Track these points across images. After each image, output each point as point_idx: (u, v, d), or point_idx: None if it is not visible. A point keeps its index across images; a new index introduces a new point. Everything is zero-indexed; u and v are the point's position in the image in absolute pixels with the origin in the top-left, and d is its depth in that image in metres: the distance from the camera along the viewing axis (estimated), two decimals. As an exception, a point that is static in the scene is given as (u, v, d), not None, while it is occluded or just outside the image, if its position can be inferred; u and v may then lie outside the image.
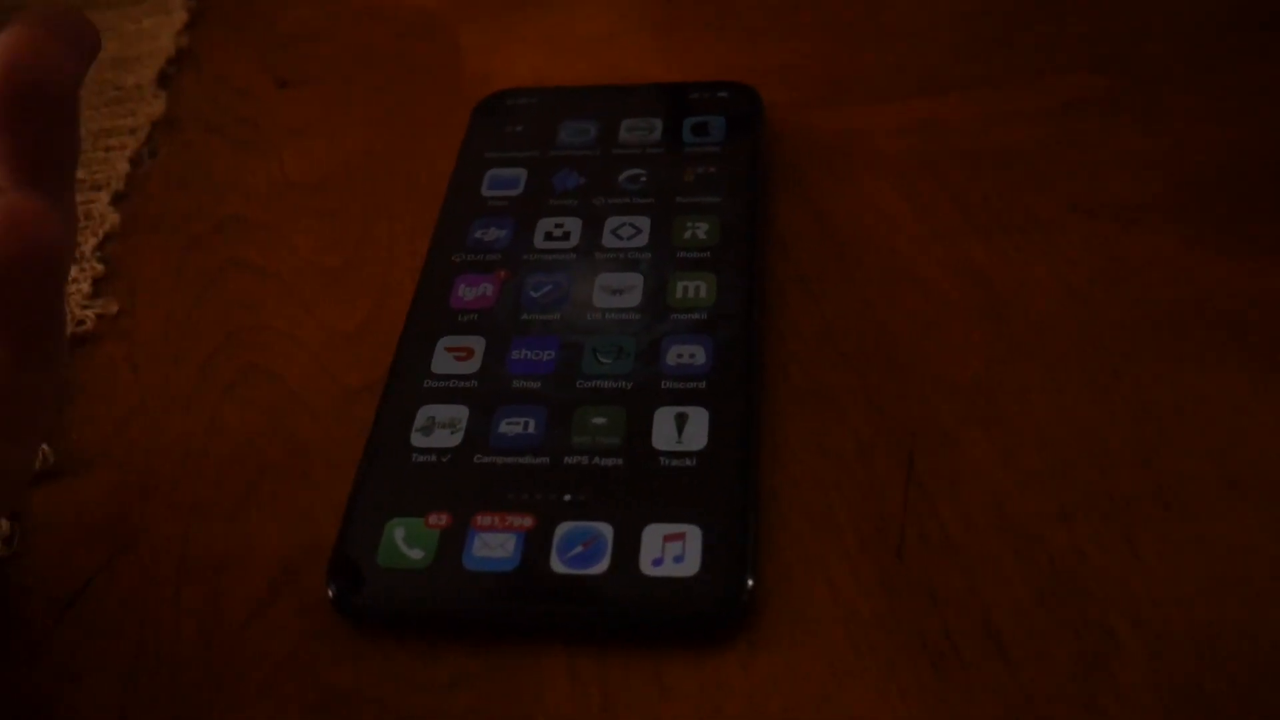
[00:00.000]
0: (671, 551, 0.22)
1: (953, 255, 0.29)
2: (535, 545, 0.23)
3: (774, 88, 0.34)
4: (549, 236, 0.29)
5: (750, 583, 0.22)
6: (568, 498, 0.23)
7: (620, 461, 0.24)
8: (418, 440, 0.25)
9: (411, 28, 0.39)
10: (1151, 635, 0.21)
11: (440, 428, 0.25)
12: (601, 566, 0.22)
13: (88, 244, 0.32)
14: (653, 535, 0.23)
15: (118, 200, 0.34)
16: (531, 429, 0.25)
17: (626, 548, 0.22)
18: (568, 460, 0.24)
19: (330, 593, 0.23)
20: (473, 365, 0.26)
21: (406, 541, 0.23)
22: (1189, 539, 0.23)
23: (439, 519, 0.23)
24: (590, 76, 0.36)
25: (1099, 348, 0.26)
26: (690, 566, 0.22)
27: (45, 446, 0.27)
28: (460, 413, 0.25)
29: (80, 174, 0.34)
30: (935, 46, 0.36)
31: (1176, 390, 0.25)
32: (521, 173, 0.31)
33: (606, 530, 0.23)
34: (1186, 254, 0.28)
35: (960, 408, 0.26)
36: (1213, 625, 0.21)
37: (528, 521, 0.23)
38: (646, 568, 0.22)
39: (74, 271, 0.31)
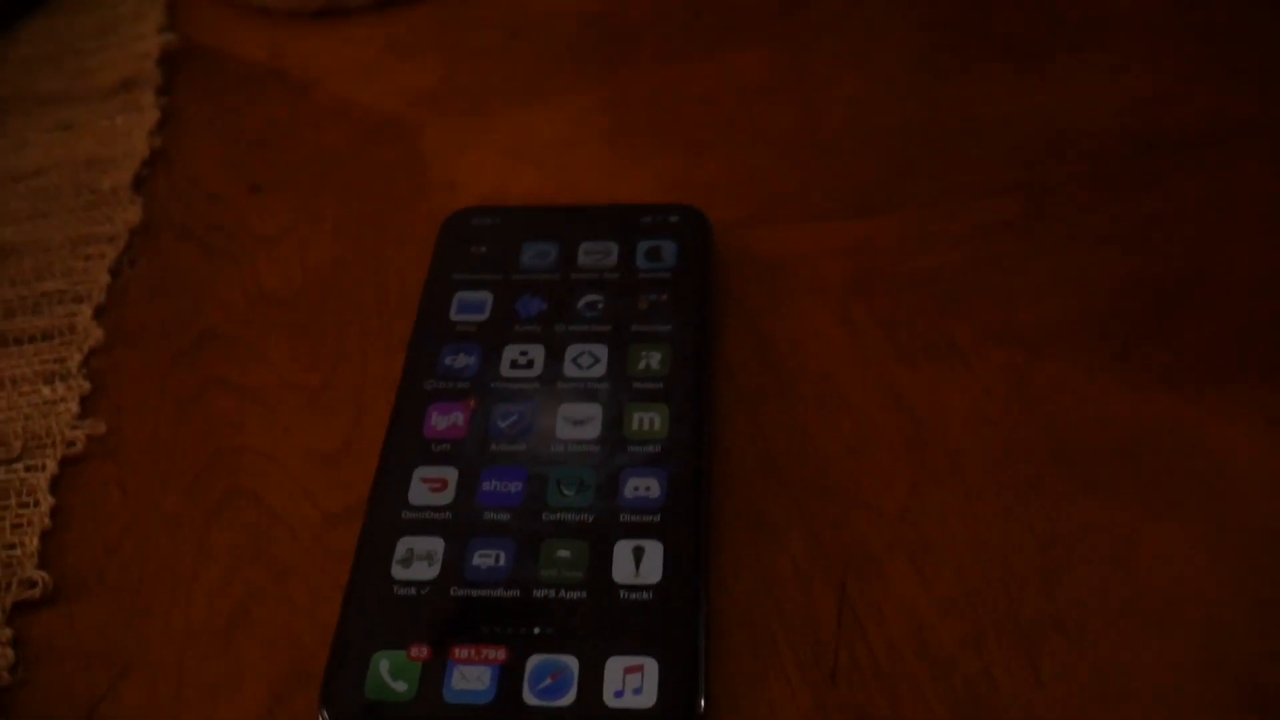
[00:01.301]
0: (631, 684, 0.25)
1: (881, 381, 0.32)
2: (509, 678, 0.25)
3: (717, 203, 0.36)
4: (514, 364, 0.31)
5: (701, 711, 0.25)
6: (537, 630, 0.26)
7: (584, 594, 0.26)
8: (398, 572, 0.27)
9: (375, 132, 0.41)
10: (1049, 756, 0.25)
11: (418, 560, 0.27)
12: (569, 699, 0.25)
13: (73, 359, 0.34)
14: (614, 668, 0.25)
15: (99, 313, 0.35)
16: (502, 561, 0.27)
17: (591, 680, 0.25)
18: (536, 593, 0.27)
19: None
20: (446, 496, 0.29)
21: (391, 674, 0.25)
22: (1086, 662, 0.26)
23: (420, 651, 0.26)
24: (548, 184, 0.39)
25: (1010, 475, 0.30)
26: (648, 698, 0.25)
27: (44, 574, 0.29)
28: (436, 545, 0.28)
29: (62, 284, 0.36)
30: (865, 164, 0.38)
31: (1076, 518, 0.29)
32: (487, 297, 0.33)
33: (573, 663, 0.25)
34: (1087, 382, 0.32)
35: (887, 535, 0.29)
36: (1101, 747, 0.25)
37: (501, 654, 0.26)
38: (610, 699, 0.25)
39: (61, 389, 0.33)
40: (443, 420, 0.30)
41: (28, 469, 0.31)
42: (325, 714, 0.25)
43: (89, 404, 0.33)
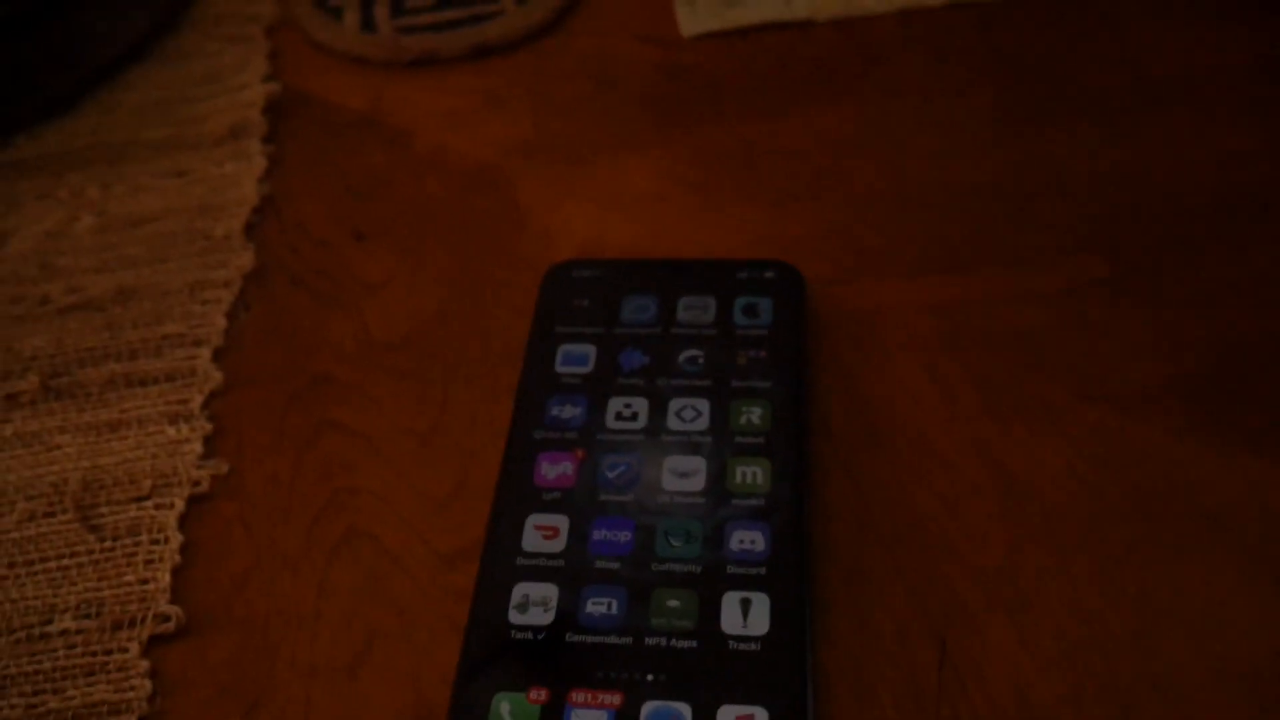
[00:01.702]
0: (743, 732, 0.26)
1: (974, 439, 0.33)
2: (624, 723, 0.26)
3: (807, 257, 0.37)
4: (619, 416, 0.33)
5: (810, 760, 0.26)
6: (650, 677, 0.27)
7: (694, 644, 0.28)
8: (515, 617, 0.28)
9: (472, 181, 0.43)
10: (1150, 816, 0.25)
11: (534, 605, 0.29)
12: (683, 746, 0.26)
13: (195, 401, 0.35)
14: (726, 716, 0.26)
15: (217, 355, 0.37)
16: (614, 609, 0.28)
17: (704, 728, 0.26)
18: (648, 641, 0.28)
19: (445, 761, 0.26)
20: (559, 544, 0.30)
21: (512, 716, 0.27)
22: (1181, 724, 0.27)
23: (539, 694, 0.27)
24: (641, 235, 0.40)
25: (1104, 536, 0.30)
26: (760, 744, 0.26)
27: (177, 608, 0.30)
28: (551, 591, 0.29)
29: (181, 327, 0.38)
30: (951, 221, 0.39)
31: (1171, 580, 0.29)
32: (591, 349, 0.35)
33: (685, 710, 0.26)
34: (1178, 445, 0.32)
35: (985, 592, 0.29)
36: (1201, 809, 0.25)
37: (616, 699, 0.27)
38: (721, 744, 0.26)
39: (185, 430, 0.35)
40: (552, 469, 0.32)
41: (157, 507, 0.33)
42: (449, 753, 0.26)
43: (211, 444, 0.35)
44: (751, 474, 0.31)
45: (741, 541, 0.30)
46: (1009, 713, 0.27)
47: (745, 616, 0.28)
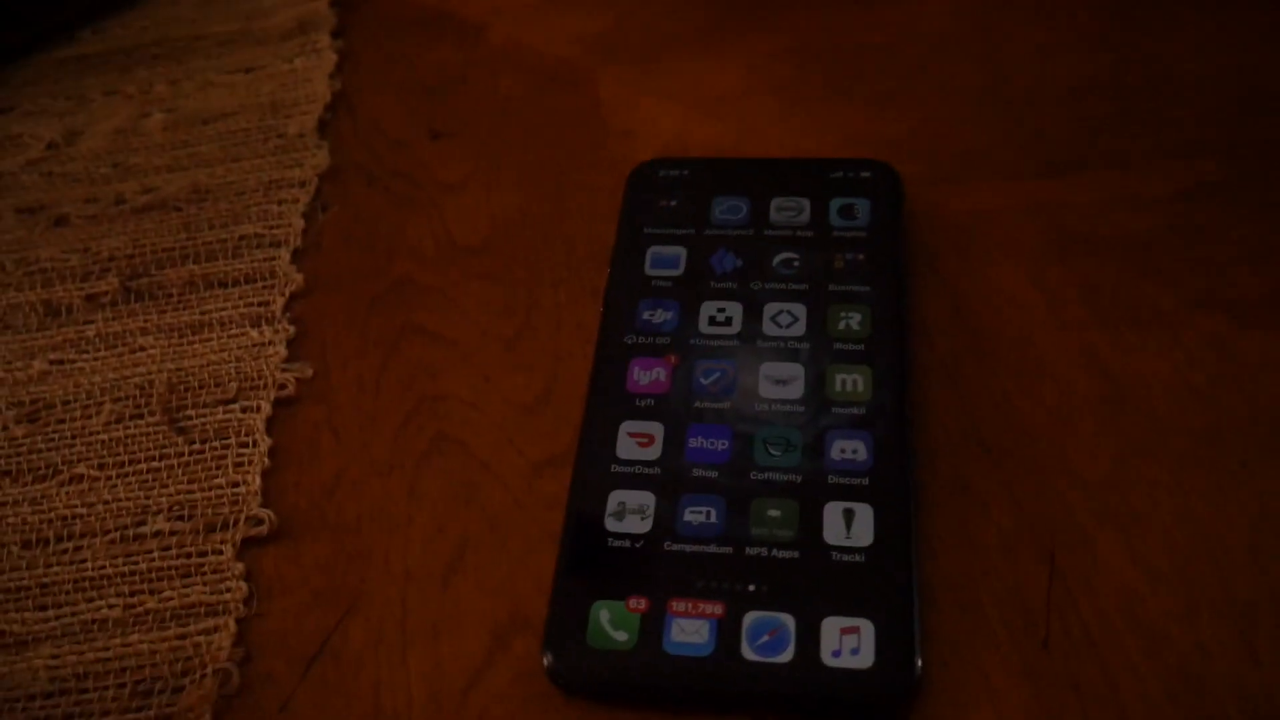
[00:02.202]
0: (848, 644, 0.26)
1: (1081, 347, 0.32)
2: (727, 632, 0.26)
3: (903, 159, 0.36)
4: (713, 321, 0.32)
5: (919, 672, 0.25)
6: (752, 588, 0.27)
7: (796, 554, 0.27)
8: (612, 525, 0.28)
9: (549, 78, 0.41)
10: (1269, 734, 0.25)
11: (631, 513, 0.28)
12: (787, 656, 0.26)
13: (276, 303, 0.35)
14: (831, 628, 0.26)
15: (296, 257, 0.36)
16: (713, 518, 0.28)
17: (808, 639, 0.26)
18: (749, 550, 0.27)
19: (545, 665, 0.26)
20: (654, 452, 0.29)
21: (611, 624, 0.26)
22: (1302, 643, 0.26)
23: (638, 603, 0.27)
24: (727, 135, 0.39)
25: (1219, 449, 0.29)
26: (865, 658, 0.25)
27: (270, 511, 0.30)
28: (647, 499, 0.28)
29: (259, 227, 0.37)
30: (1055, 122, 0.37)
31: (1290, 496, 0.28)
32: (681, 251, 0.34)
33: (789, 621, 0.26)
34: (1300, 357, 0.31)
35: (1094, 504, 0.28)
36: (1325, 729, 0.25)
37: (718, 609, 0.26)
38: (827, 658, 0.25)
39: (268, 332, 0.34)
40: (645, 375, 0.31)
41: (244, 410, 0.32)
42: (550, 659, 0.26)
43: (294, 347, 0.34)
44: (852, 381, 0.30)
45: (843, 451, 0.29)
46: (1119, 628, 0.26)
47: (849, 527, 0.27)
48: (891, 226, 0.33)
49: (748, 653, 0.26)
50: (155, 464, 0.32)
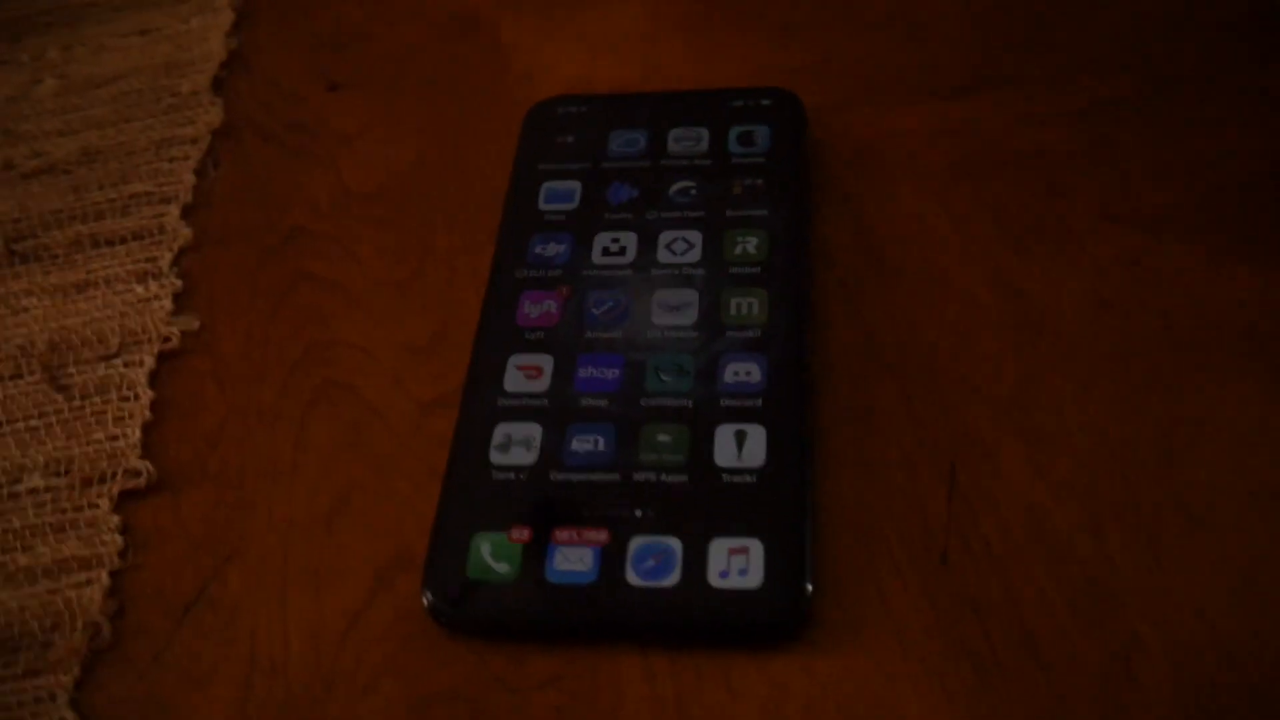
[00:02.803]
0: (736, 564, 0.24)
1: (988, 266, 0.31)
2: (611, 559, 0.25)
3: (808, 87, 0.35)
4: (606, 252, 0.31)
5: (809, 593, 0.24)
6: (639, 513, 0.26)
7: (685, 478, 0.26)
8: (496, 457, 0.27)
9: (452, 27, 0.40)
10: (1173, 641, 0.24)
11: (516, 445, 0.27)
12: (673, 579, 0.24)
13: (164, 259, 0.34)
14: (719, 549, 0.25)
15: (187, 213, 0.35)
16: (602, 446, 0.27)
17: (695, 561, 0.25)
18: (637, 477, 0.26)
19: (425, 602, 0.25)
20: (542, 383, 0.28)
21: (493, 555, 0.25)
22: (1210, 549, 0.25)
23: (521, 533, 0.26)
24: (630, 74, 0.38)
25: (1127, 360, 0.28)
26: (754, 579, 0.24)
27: (147, 463, 0.29)
28: (534, 430, 0.27)
29: (149, 185, 0.36)
30: (964, 44, 0.37)
31: (1199, 403, 0.27)
32: (576, 185, 0.33)
33: (675, 545, 0.25)
34: (1210, 266, 0.30)
35: (997, 420, 0.27)
36: (1231, 632, 0.24)
37: (603, 536, 0.25)
38: (714, 580, 0.24)
39: (154, 287, 0.33)
40: (535, 308, 0.30)
41: (126, 364, 0.31)
42: (428, 595, 0.25)
43: (182, 302, 0.33)
44: (747, 305, 0.29)
45: (736, 374, 0.28)
46: (1021, 542, 0.25)
47: (740, 449, 0.26)
48: (792, 152, 0.32)
49: (632, 578, 0.25)
50: (34, 422, 0.30)
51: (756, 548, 0.25)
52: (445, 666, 0.25)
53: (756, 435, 0.27)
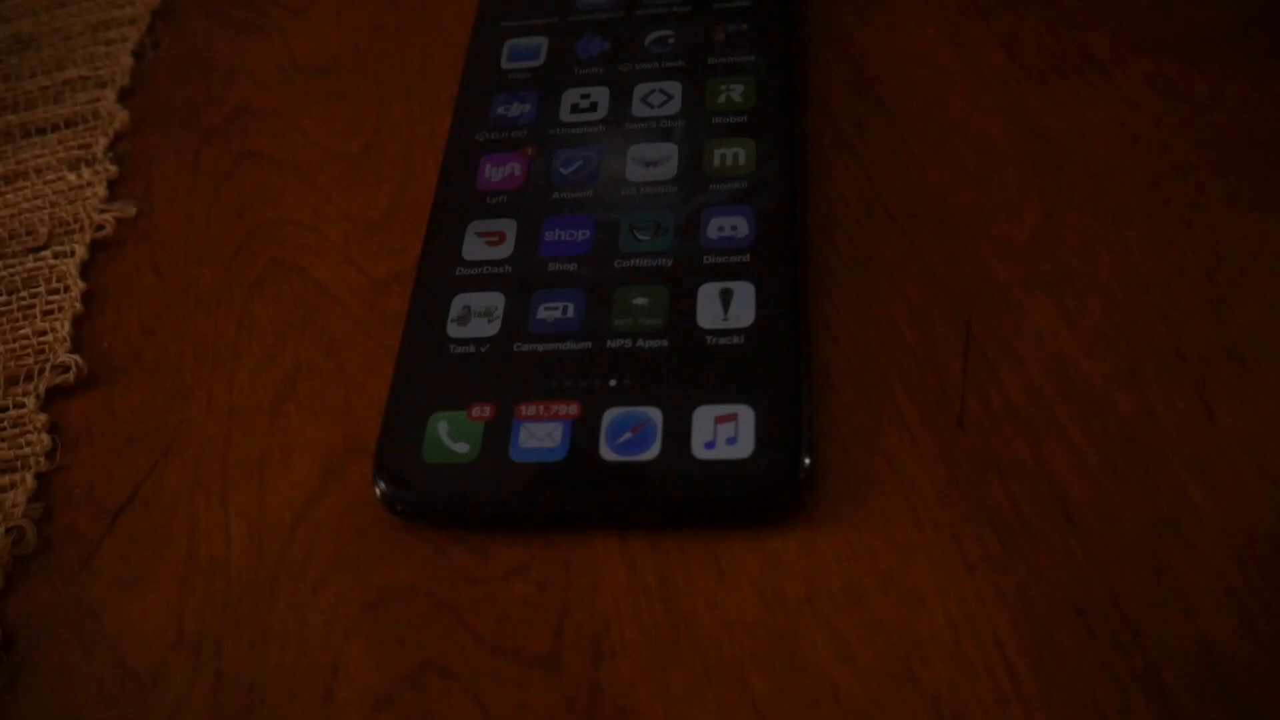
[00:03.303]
0: (724, 433, 0.22)
1: (1004, 103, 0.27)
2: (583, 433, 0.22)
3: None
4: (575, 109, 0.28)
5: (807, 461, 0.21)
6: (613, 383, 0.23)
7: (665, 343, 0.23)
8: (454, 331, 0.24)
9: (412, -112, 0.37)
10: (1225, 494, 0.21)
11: (476, 317, 0.24)
12: (652, 452, 0.22)
13: (99, 144, 0.31)
14: (704, 417, 0.22)
15: (124, 96, 0.32)
16: (570, 313, 0.24)
17: (677, 432, 0.22)
18: (610, 344, 0.23)
19: (378, 491, 0.22)
20: (505, 250, 0.25)
21: (450, 436, 0.23)
22: (1265, 393, 0.22)
23: (482, 411, 0.23)
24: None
25: (1164, 196, 0.25)
26: (744, 448, 0.21)
27: (77, 357, 0.26)
28: (496, 300, 0.24)
29: (84, 70, 0.33)
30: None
31: (1248, 239, 0.24)
32: (542, 41, 0.29)
33: (655, 415, 0.22)
34: (1257, 91, 0.26)
35: (1018, 267, 0.24)
36: (1292, 482, 0.21)
37: (573, 409, 0.22)
38: (699, 451, 0.21)
39: (88, 174, 0.30)
40: (497, 172, 0.27)
41: (56, 256, 0.29)
42: (381, 483, 0.22)
43: (118, 188, 0.30)
44: (732, 155, 0.26)
45: (720, 228, 0.25)
46: (1048, 396, 0.22)
47: (726, 309, 0.23)
48: (782, -9, 0.29)
49: (606, 453, 0.22)
50: (-42, 322, 0.28)
51: (746, 414, 0.22)
52: (401, 559, 0.22)
53: (744, 293, 0.23)
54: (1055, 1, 0.29)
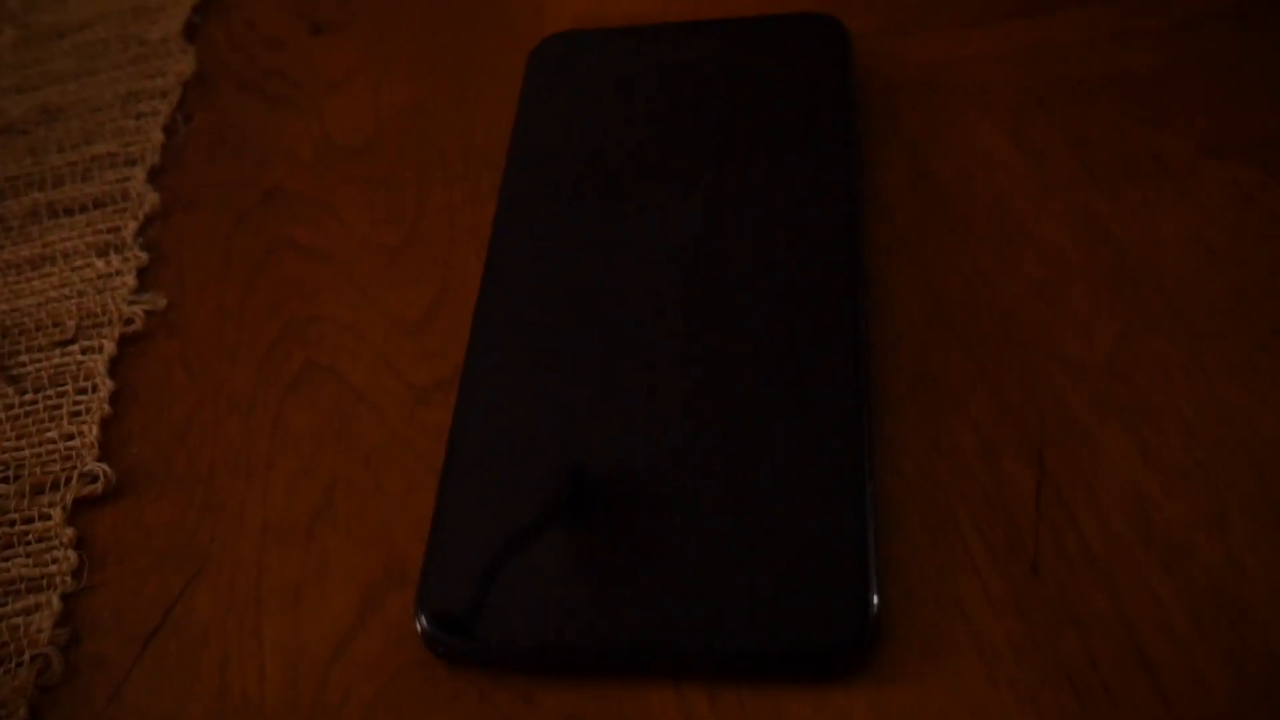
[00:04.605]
0: (786, 577, 0.21)
1: (1072, 210, 0.26)
2: (637, 574, 0.21)
3: (853, 10, 0.30)
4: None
5: (876, 608, 0.20)
6: (668, 518, 0.22)
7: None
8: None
9: (450, -44, 0.36)
10: (1324, 662, 0.20)
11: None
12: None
13: (128, 228, 0.30)
14: (764, 563, 0.21)
15: (154, 175, 0.31)
16: (622, 438, 0.23)
17: (738, 575, 0.21)
18: (665, 474, 0.22)
19: (419, 627, 0.21)
20: (552, 364, 0.24)
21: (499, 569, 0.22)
22: (1361, 545, 0.21)
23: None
24: (649, 7, 0.33)
25: (1246, 318, 0.24)
26: (808, 594, 0.20)
27: (105, 466, 0.25)
28: (543, 420, 0.23)
29: (113, 146, 0.32)
30: (1035, -46, 0.32)
31: (1337, 367, 0.23)
32: (588, 134, 0.28)
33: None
34: (1340, 201, 0.25)
35: (1092, 394, 0.23)
36: (1395, 651, 0.19)
37: (627, 547, 0.21)
38: (759, 592, 0.20)
39: (116, 261, 0.29)
40: (543, 276, 0.26)
41: (84, 351, 0.28)
42: (423, 619, 0.21)
43: (147, 277, 0.29)
44: (789, 265, 0.25)
45: (779, 347, 0.24)
46: (1129, 542, 0.21)
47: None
48: (837, 89, 0.28)
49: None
50: (-18, 419, 0.27)
51: (809, 555, 0.21)
52: (443, 705, 0.21)
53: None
54: (1125, 100, 0.28)
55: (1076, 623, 0.20)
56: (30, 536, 0.25)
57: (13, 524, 0.25)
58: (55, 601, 0.23)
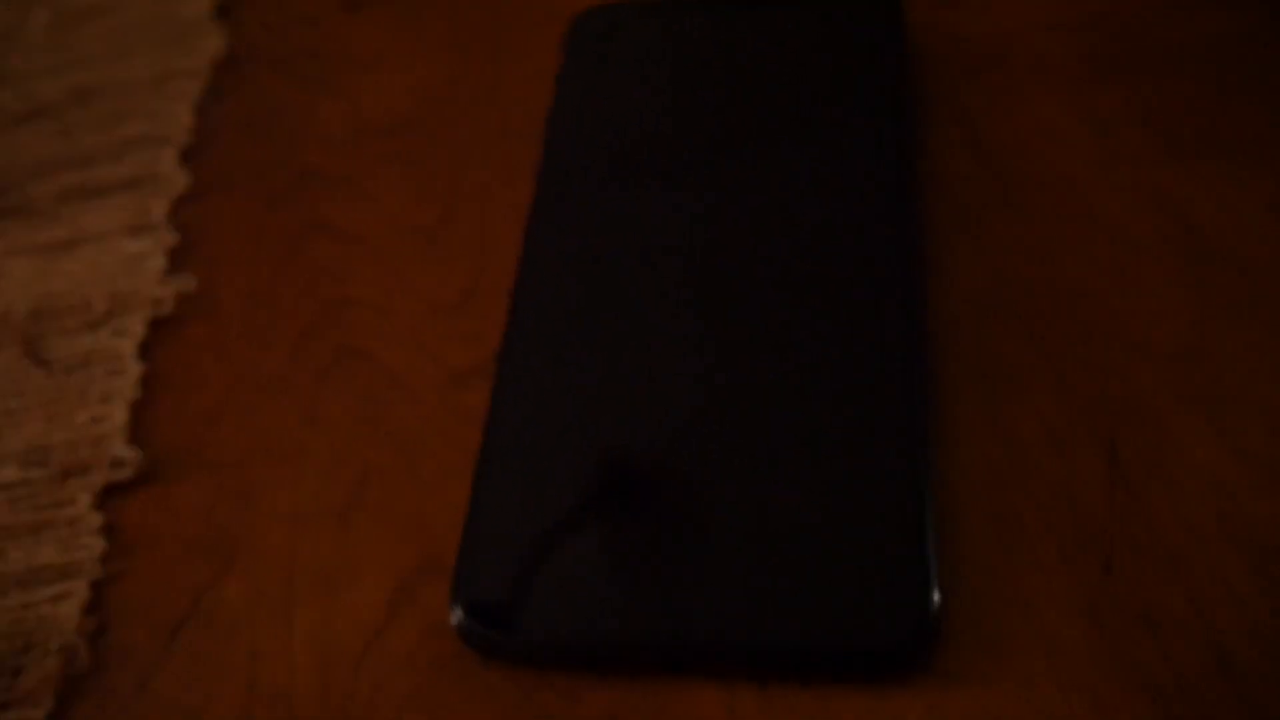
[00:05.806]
0: (841, 573, 0.19)
1: (1144, 187, 0.25)
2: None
3: (909, -17, 0.29)
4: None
5: (936, 605, 0.19)
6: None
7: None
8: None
9: (488, -70, 0.35)
10: None
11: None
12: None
13: (159, 209, 0.29)
14: (822, 558, 0.20)
15: (186, 155, 0.31)
16: (667, 425, 0.22)
17: (790, 571, 0.20)
18: (712, 463, 0.21)
19: (454, 620, 0.21)
20: (594, 347, 0.23)
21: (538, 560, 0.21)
22: None
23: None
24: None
25: (1333, 301, 0.22)
26: (864, 590, 0.19)
27: (135, 450, 0.25)
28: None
29: (145, 126, 0.31)
30: (1100, -79, 0.30)
31: None
32: (628, 112, 0.27)
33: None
34: None
35: (1169, 382, 0.22)
36: None
37: (672, 539, 0.20)
38: (814, 589, 0.19)
39: (148, 242, 0.29)
40: (584, 256, 0.25)
41: (114, 333, 0.27)
42: (458, 611, 0.20)
43: (178, 258, 0.28)
44: (843, 245, 0.24)
45: (832, 331, 0.22)
46: (1209, 536, 0.20)
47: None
48: (889, 61, 0.27)
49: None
50: (11, 403, 0.26)
51: (865, 548, 0.20)
52: (481, 702, 0.20)
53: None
54: (1202, 68, 0.26)
55: (1153, 625, 0.19)
56: (59, 522, 0.24)
57: (41, 509, 0.24)
58: (83, 590, 0.23)
